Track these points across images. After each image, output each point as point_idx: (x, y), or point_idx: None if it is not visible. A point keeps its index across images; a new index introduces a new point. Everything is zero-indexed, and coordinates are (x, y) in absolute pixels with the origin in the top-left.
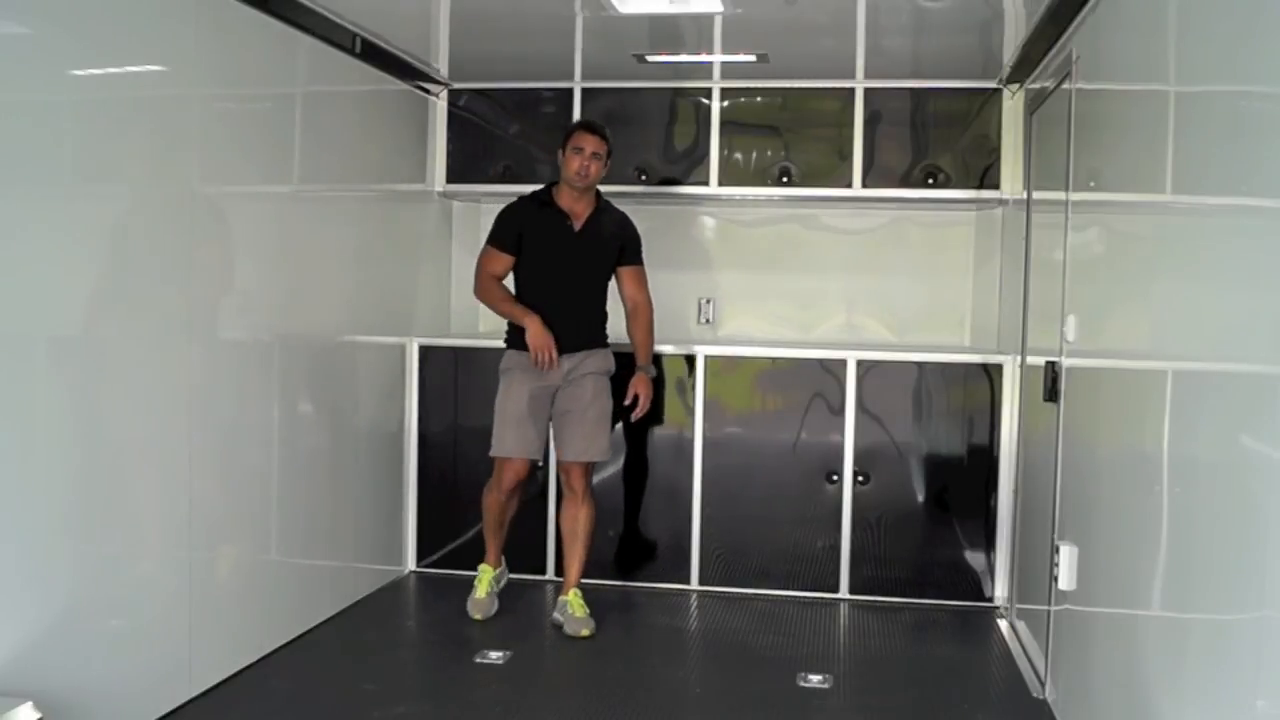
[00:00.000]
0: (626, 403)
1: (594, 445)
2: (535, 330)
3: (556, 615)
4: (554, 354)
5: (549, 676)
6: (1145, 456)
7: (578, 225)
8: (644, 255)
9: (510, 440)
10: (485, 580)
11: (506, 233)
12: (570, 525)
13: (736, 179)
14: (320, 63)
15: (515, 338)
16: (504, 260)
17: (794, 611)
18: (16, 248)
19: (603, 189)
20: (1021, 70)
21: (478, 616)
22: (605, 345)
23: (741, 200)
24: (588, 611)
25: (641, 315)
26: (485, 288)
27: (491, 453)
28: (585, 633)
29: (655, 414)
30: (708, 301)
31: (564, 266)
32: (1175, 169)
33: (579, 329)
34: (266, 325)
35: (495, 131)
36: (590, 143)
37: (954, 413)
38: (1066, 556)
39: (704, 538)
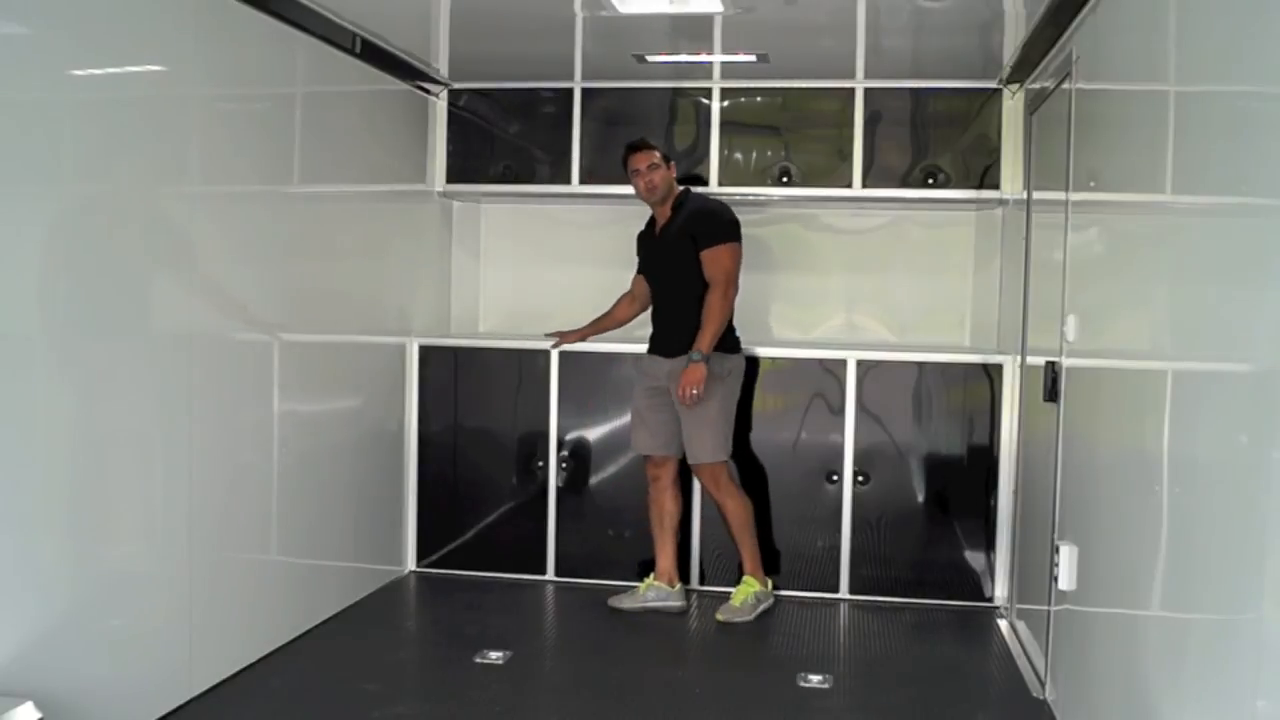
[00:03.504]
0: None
1: (697, 448)
2: None
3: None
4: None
5: (549, 676)
6: (1145, 456)
7: (657, 232)
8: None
9: (635, 437)
10: (643, 586)
11: (637, 252)
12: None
13: (736, 179)
14: (320, 63)
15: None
16: (639, 279)
17: (794, 611)
18: (16, 247)
19: (604, 189)
20: (1021, 70)
21: (610, 602)
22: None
23: (741, 200)
24: (746, 600)
25: (706, 297)
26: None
27: None
28: (722, 618)
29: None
30: None
31: (655, 275)
32: (1175, 169)
33: (674, 334)
34: (266, 325)
35: (495, 131)
36: (640, 159)
37: (954, 413)
38: (1066, 556)
39: (704, 538)
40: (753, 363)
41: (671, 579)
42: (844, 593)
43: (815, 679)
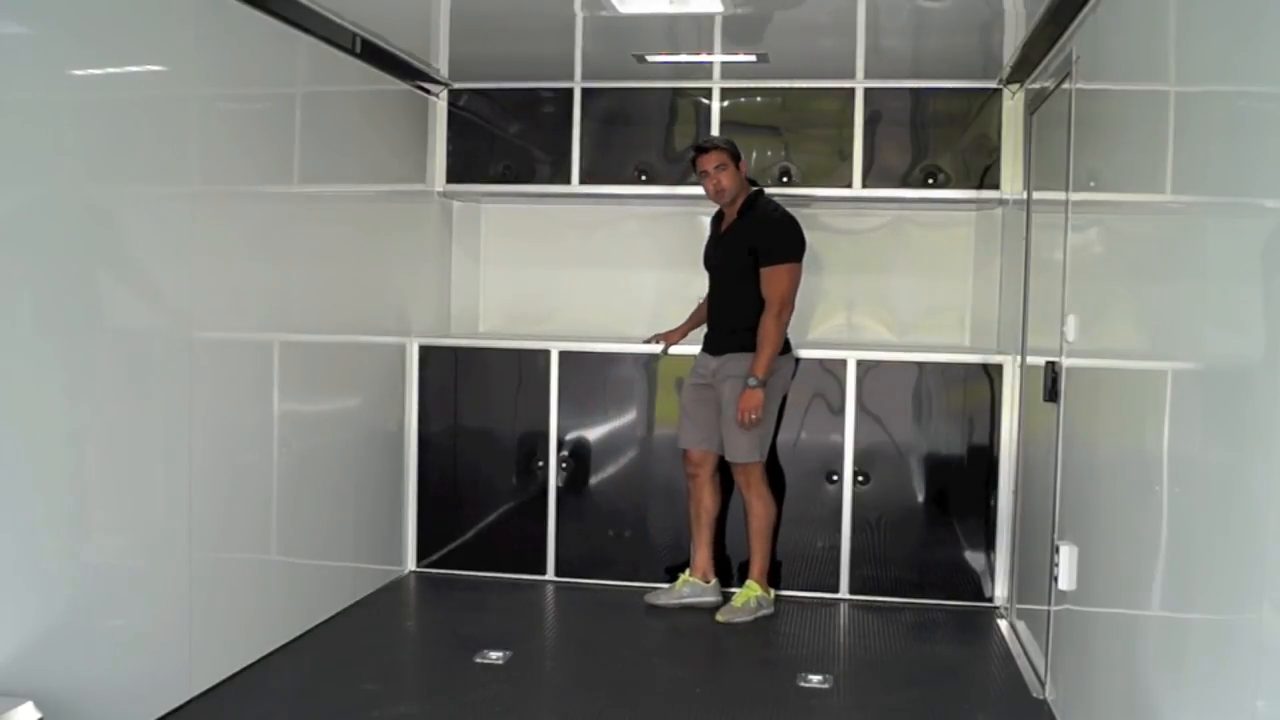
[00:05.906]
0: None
1: (733, 447)
2: None
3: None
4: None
5: (549, 676)
6: (1145, 456)
7: (723, 229)
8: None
9: (680, 431)
10: (678, 582)
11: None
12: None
13: None
14: (320, 63)
15: None
16: None
17: (794, 611)
18: (15, 246)
19: (604, 189)
20: (1021, 70)
21: (647, 599)
22: (753, 349)
23: None
24: (747, 603)
25: (761, 318)
26: None
27: None
28: (721, 619)
29: (650, 414)
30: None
31: (713, 272)
32: (1175, 169)
33: (722, 333)
34: (266, 325)
35: (495, 131)
36: (707, 161)
37: (954, 413)
38: (1066, 556)
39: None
40: None
41: (706, 574)
42: (844, 593)
43: (815, 679)
